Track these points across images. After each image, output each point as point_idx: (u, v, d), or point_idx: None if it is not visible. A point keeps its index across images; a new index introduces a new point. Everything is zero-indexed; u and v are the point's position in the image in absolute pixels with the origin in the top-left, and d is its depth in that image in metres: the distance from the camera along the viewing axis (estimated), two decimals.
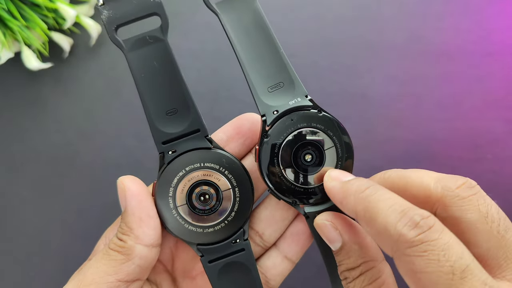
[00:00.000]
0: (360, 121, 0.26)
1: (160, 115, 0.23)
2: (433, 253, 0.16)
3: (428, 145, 0.39)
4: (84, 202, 0.40)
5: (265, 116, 0.24)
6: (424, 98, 0.40)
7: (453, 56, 0.41)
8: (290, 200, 0.24)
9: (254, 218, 0.25)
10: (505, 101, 0.40)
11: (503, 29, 0.41)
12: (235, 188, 0.23)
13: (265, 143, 0.23)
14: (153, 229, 0.22)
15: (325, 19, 0.42)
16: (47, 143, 0.41)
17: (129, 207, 0.22)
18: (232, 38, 0.24)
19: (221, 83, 0.41)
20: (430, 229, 0.17)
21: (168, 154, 0.23)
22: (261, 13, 0.24)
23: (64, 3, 0.39)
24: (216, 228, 0.23)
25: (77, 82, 0.42)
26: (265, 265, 0.26)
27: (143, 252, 0.22)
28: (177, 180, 0.23)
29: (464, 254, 0.16)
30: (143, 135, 0.41)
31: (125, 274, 0.22)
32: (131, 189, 0.22)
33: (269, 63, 0.24)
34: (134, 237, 0.22)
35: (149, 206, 0.23)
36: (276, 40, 0.24)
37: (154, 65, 0.23)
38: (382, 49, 0.41)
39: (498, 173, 0.39)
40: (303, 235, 0.25)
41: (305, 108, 0.24)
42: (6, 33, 0.39)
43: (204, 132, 0.24)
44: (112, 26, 0.23)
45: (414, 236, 0.17)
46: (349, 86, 0.41)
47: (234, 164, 0.23)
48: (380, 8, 0.42)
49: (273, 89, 0.24)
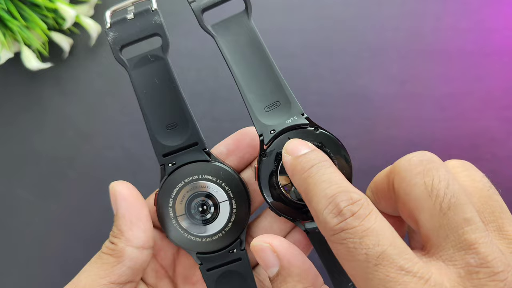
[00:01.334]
0: (359, 121, 0.26)
1: (161, 129, 0.24)
2: (351, 241, 0.16)
3: (427, 145, 0.40)
4: (84, 203, 0.40)
5: (262, 135, 0.24)
6: (423, 98, 0.40)
7: (452, 56, 0.41)
8: (291, 217, 0.24)
9: (254, 228, 0.26)
10: (504, 101, 0.40)
11: (502, 29, 0.41)
12: (231, 200, 0.24)
13: (264, 162, 0.24)
14: (144, 232, 0.23)
15: (324, 19, 0.42)
16: (47, 143, 0.41)
17: (119, 211, 0.23)
18: (228, 60, 0.24)
19: (221, 83, 0.41)
20: (352, 216, 0.17)
21: (168, 166, 0.24)
22: (256, 33, 0.24)
23: (64, 3, 0.39)
24: (214, 238, 0.24)
25: (77, 82, 0.42)
26: (263, 273, 0.26)
27: (133, 254, 0.22)
28: (177, 191, 0.24)
29: (381, 240, 0.16)
30: (143, 135, 0.41)
31: (117, 276, 0.22)
32: (121, 193, 0.23)
33: (265, 83, 0.24)
34: (125, 239, 0.22)
35: (139, 209, 0.23)
36: (271, 60, 0.24)
37: (155, 82, 0.24)
38: (381, 49, 0.41)
39: (497, 172, 0.39)
40: (300, 245, 0.25)
41: (301, 126, 0.24)
42: (6, 33, 0.38)
43: (202, 145, 0.24)
44: (117, 46, 0.24)
45: (336, 224, 0.17)
46: (349, 86, 0.41)
47: (231, 176, 0.24)
48: (380, 8, 0.42)
49: (269, 109, 0.24)
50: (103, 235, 0.28)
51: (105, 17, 0.24)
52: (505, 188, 0.39)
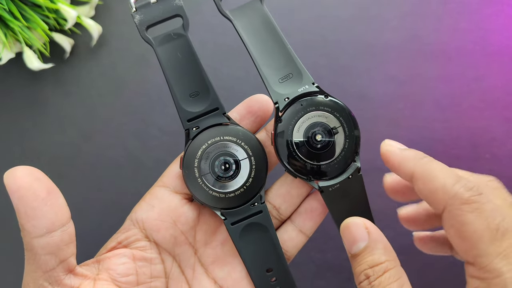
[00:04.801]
0: (359, 121, 0.27)
1: (185, 98, 0.27)
2: (483, 211, 0.20)
3: (427, 145, 0.40)
4: (84, 202, 0.40)
5: (277, 103, 0.26)
6: (422, 98, 0.40)
7: (451, 56, 0.41)
8: (305, 176, 0.26)
9: (272, 194, 0.28)
10: (503, 101, 0.40)
11: (501, 30, 0.41)
12: (251, 158, 0.27)
13: (279, 127, 0.26)
14: (42, 219, 0.22)
15: (324, 19, 0.42)
16: (47, 143, 0.41)
17: (14, 205, 0.22)
18: (245, 39, 0.27)
19: (221, 83, 0.41)
20: (480, 195, 0.21)
21: (192, 130, 0.27)
22: (269, 15, 0.27)
23: (65, 4, 0.39)
24: (237, 193, 0.27)
25: (78, 82, 0.42)
26: (282, 238, 0.28)
27: (41, 243, 0.22)
28: (201, 152, 0.26)
29: (506, 219, 0.20)
30: (143, 135, 0.41)
31: (44, 265, 0.22)
32: (10, 188, 0.22)
33: (278, 57, 0.27)
34: (27, 232, 0.22)
35: (33, 197, 0.22)
36: (283, 37, 0.27)
37: (178, 56, 0.27)
38: (381, 50, 0.41)
39: (496, 172, 0.39)
40: (316, 212, 0.28)
41: (312, 94, 0.26)
42: (8, 34, 0.39)
43: (222, 110, 0.27)
44: (143, 27, 0.27)
45: (469, 196, 0.21)
46: (349, 86, 0.41)
47: (249, 136, 0.27)
48: (379, 8, 0.42)
49: (283, 80, 0.27)
50: (103, 235, 0.28)
51: (130, 3, 0.27)
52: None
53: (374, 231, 0.24)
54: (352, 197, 0.26)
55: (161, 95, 0.41)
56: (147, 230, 0.26)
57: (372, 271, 0.22)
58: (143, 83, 0.42)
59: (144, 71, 0.42)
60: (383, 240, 0.23)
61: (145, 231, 0.26)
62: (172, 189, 0.27)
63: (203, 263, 0.27)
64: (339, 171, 0.26)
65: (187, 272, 0.27)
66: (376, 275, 0.22)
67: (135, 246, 0.26)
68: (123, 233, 0.26)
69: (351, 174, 0.26)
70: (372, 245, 0.23)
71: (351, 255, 0.24)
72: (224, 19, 0.27)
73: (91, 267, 0.25)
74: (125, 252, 0.25)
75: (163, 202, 0.26)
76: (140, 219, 0.26)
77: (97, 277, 0.24)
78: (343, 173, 0.26)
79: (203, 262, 0.27)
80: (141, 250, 0.26)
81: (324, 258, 0.39)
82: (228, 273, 0.27)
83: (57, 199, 0.23)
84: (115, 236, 0.26)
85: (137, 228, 0.26)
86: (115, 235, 0.27)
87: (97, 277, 0.24)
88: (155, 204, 0.26)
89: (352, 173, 0.26)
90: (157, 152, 0.41)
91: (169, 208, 0.26)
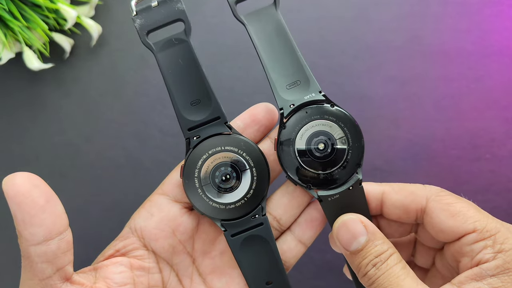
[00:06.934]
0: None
1: (186, 105, 0.26)
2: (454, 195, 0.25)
3: (427, 145, 0.40)
4: (84, 202, 0.40)
5: (282, 109, 0.26)
6: (422, 98, 0.40)
7: (451, 57, 0.41)
8: (305, 184, 0.26)
9: (272, 205, 0.28)
10: (503, 101, 0.40)
11: (501, 30, 0.41)
12: (252, 169, 0.26)
13: (283, 134, 0.26)
14: (40, 226, 0.22)
15: (324, 20, 0.42)
16: (47, 143, 0.41)
17: (12, 212, 0.22)
18: (256, 44, 0.27)
19: (221, 83, 0.41)
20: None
21: (193, 140, 0.26)
22: (282, 22, 0.27)
23: (65, 4, 0.39)
24: (237, 205, 0.26)
25: (78, 83, 0.42)
26: (281, 249, 0.28)
27: (38, 251, 0.22)
28: (201, 162, 0.26)
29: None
30: (143, 135, 0.41)
31: (40, 273, 0.22)
32: (9, 194, 0.22)
33: (288, 64, 0.27)
34: (24, 240, 0.22)
35: (31, 204, 0.22)
36: (294, 45, 0.27)
37: (179, 62, 0.26)
38: (381, 50, 0.41)
39: (496, 172, 0.39)
40: (316, 222, 0.28)
41: (318, 102, 0.26)
42: (7, 34, 0.39)
43: (224, 119, 0.26)
44: (144, 31, 0.26)
45: (440, 191, 0.25)
46: (348, 86, 0.41)
47: (251, 147, 0.26)
48: (379, 9, 0.42)
49: (290, 87, 0.27)
50: (103, 235, 0.28)
51: (131, 6, 0.26)
52: (505, 188, 0.39)
53: (370, 224, 0.25)
54: (352, 209, 0.26)
55: (161, 96, 0.41)
56: (145, 238, 0.26)
57: (378, 258, 0.24)
58: (143, 83, 0.42)
59: (144, 71, 0.42)
60: (379, 231, 0.25)
61: (144, 240, 0.26)
62: (172, 198, 0.27)
63: (201, 272, 0.27)
64: (339, 181, 0.26)
65: (185, 282, 0.27)
66: (384, 259, 0.24)
67: (133, 254, 0.26)
68: (121, 240, 0.26)
69: (352, 186, 0.26)
70: (372, 238, 0.24)
71: (351, 251, 0.24)
72: (224, 19, 0.27)
73: (88, 275, 0.25)
74: (122, 261, 0.25)
75: (162, 211, 0.26)
76: (138, 227, 0.26)
77: (94, 286, 0.24)
78: (344, 184, 0.26)
79: (201, 272, 0.27)
80: (139, 259, 0.26)
81: (324, 258, 0.39)
82: (226, 283, 0.27)
83: (56, 206, 0.23)
84: (113, 243, 0.26)
85: (136, 237, 0.26)
86: (113, 242, 0.26)
87: (94, 286, 0.24)
88: (154, 213, 0.26)
89: (353, 184, 0.26)
90: (157, 152, 0.41)
91: (168, 217, 0.26)
